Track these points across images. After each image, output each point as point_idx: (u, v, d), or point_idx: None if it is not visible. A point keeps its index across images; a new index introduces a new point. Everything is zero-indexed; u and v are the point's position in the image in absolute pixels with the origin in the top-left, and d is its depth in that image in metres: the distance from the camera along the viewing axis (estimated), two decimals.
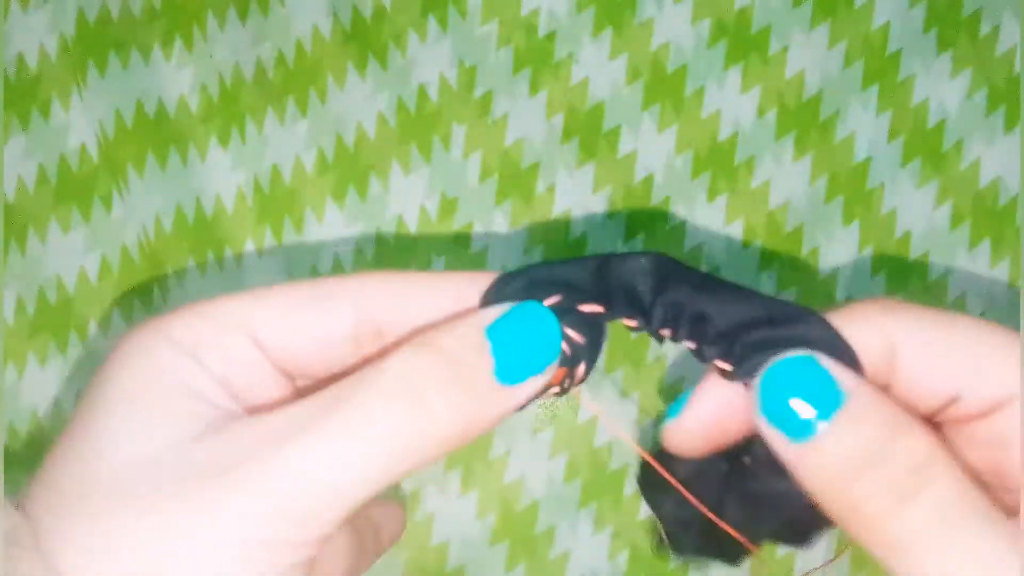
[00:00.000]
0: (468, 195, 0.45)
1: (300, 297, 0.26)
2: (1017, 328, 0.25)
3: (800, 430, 0.24)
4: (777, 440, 0.24)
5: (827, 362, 0.24)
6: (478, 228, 0.45)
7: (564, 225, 0.45)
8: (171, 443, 0.24)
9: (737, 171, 0.45)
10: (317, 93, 0.45)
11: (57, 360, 0.43)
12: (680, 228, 0.45)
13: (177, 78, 0.44)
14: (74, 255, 0.43)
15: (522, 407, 0.26)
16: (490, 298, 0.26)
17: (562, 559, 0.43)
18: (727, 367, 0.25)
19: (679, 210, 0.45)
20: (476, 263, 0.44)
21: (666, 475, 0.27)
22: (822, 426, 0.24)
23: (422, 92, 0.45)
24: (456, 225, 0.45)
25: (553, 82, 0.45)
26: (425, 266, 0.44)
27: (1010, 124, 0.45)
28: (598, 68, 0.45)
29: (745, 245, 0.45)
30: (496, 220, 0.45)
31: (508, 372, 0.25)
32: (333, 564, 0.27)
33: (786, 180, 0.45)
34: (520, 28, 0.45)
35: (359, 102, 0.45)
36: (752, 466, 0.27)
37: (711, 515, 0.27)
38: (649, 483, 0.28)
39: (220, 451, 0.24)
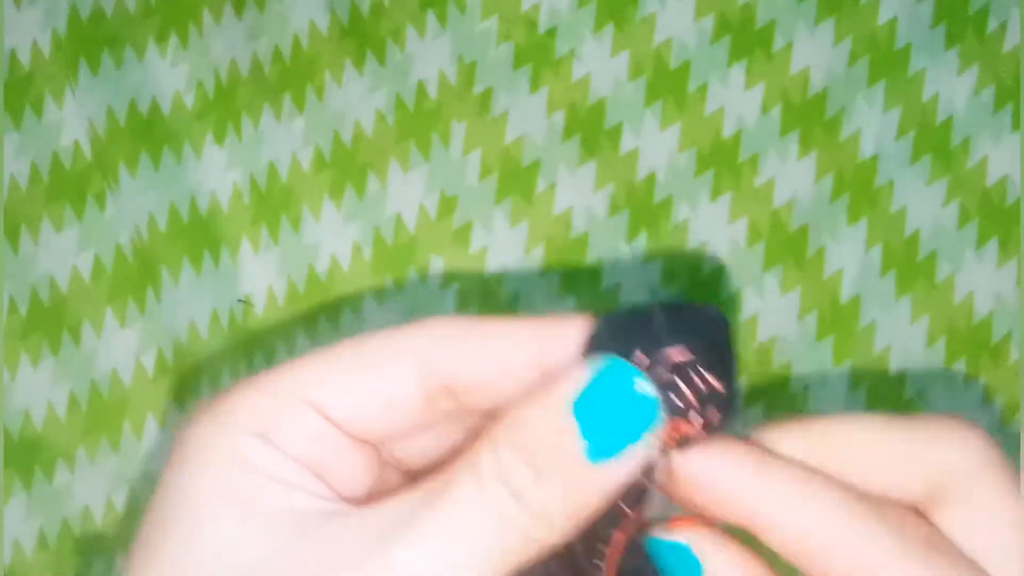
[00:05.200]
0: (467, 193, 0.44)
1: (360, 361, 0.25)
2: None
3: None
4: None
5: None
6: (478, 227, 0.44)
7: (565, 224, 0.44)
8: (276, 547, 0.23)
9: (741, 169, 0.44)
10: (314, 90, 0.44)
11: (50, 361, 0.43)
12: (683, 227, 0.44)
13: (172, 75, 0.44)
14: (67, 254, 0.43)
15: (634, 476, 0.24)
16: (592, 351, 0.24)
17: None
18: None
19: (682, 208, 0.44)
20: (475, 262, 0.44)
21: None
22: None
23: (421, 89, 0.44)
24: (455, 224, 0.44)
25: (554, 79, 0.45)
26: (424, 266, 0.44)
27: (1017, 122, 0.45)
28: (600, 65, 0.45)
29: (749, 244, 0.44)
30: (496, 219, 0.44)
31: (600, 449, 0.23)
32: None
33: (791, 178, 0.44)
34: (520, 24, 0.45)
35: (357, 99, 0.44)
36: None
37: None
38: None
39: (327, 554, 0.23)
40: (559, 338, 0.25)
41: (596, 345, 0.24)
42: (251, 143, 0.44)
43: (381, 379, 0.25)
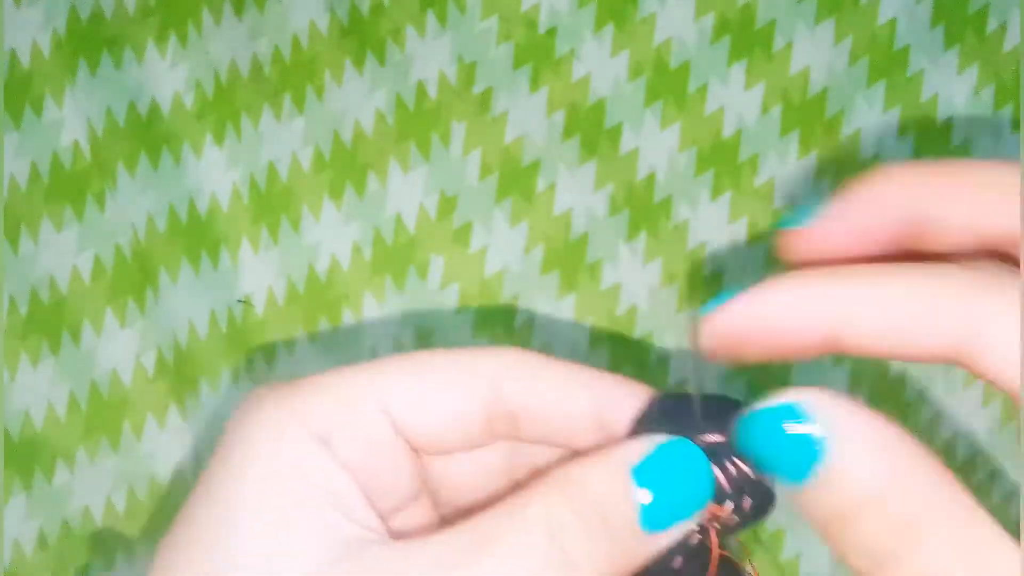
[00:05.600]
0: (467, 193, 0.44)
1: (437, 373, 0.25)
2: None
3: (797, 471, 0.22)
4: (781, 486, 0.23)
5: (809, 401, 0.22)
6: (477, 227, 0.44)
7: (565, 224, 0.44)
8: (312, 567, 0.23)
9: (741, 169, 0.44)
10: (314, 90, 0.44)
11: (50, 361, 0.42)
12: (683, 227, 0.44)
13: (172, 75, 0.44)
14: (67, 254, 0.43)
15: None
16: (642, 426, 0.25)
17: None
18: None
19: (682, 209, 0.44)
20: (475, 262, 0.44)
21: None
22: (820, 466, 0.22)
23: (421, 89, 0.44)
24: (455, 224, 0.44)
25: (554, 79, 0.45)
26: (424, 265, 0.44)
27: (1017, 122, 0.45)
28: (599, 64, 0.45)
29: (749, 244, 0.44)
30: (496, 219, 0.44)
31: (654, 519, 0.23)
32: None
33: (791, 178, 0.44)
34: (520, 24, 0.45)
35: (357, 99, 0.44)
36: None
37: None
38: None
39: None
40: (619, 397, 0.25)
41: (646, 418, 0.25)
42: (251, 143, 0.44)
43: (452, 394, 0.25)
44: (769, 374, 0.44)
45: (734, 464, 0.24)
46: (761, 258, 0.44)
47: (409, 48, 0.45)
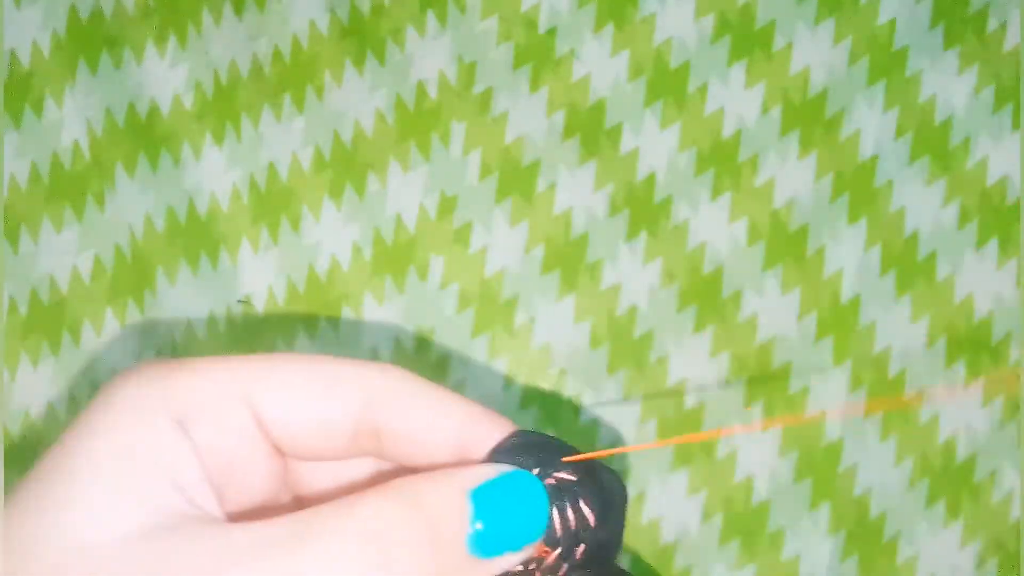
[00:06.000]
0: (467, 193, 0.44)
1: (310, 376, 0.25)
2: None
3: None
4: None
5: None
6: (478, 227, 0.44)
7: (565, 224, 0.44)
8: (122, 536, 0.22)
9: (741, 169, 0.44)
10: (314, 90, 0.44)
11: (50, 361, 0.42)
12: (683, 227, 0.44)
13: (171, 75, 0.44)
14: (67, 254, 0.43)
15: None
16: (497, 457, 0.24)
17: None
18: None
19: (682, 208, 0.44)
20: (475, 262, 0.44)
21: None
22: None
23: (421, 89, 0.44)
24: (455, 224, 0.44)
25: (554, 79, 0.44)
26: (424, 266, 0.44)
27: (1017, 122, 0.45)
28: (599, 64, 0.45)
29: (749, 244, 0.44)
30: (496, 219, 0.44)
31: (483, 544, 0.23)
32: None
33: (791, 178, 0.44)
34: (520, 24, 0.45)
35: (357, 99, 0.44)
36: None
37: None
38: None
39: (163, 558, 0.22)
40: (482, 429, 0.25)
41: (501, 449, 0.25)
42: (251, 143, 0.44)
43: (323, 401, 0.25)
44: (769, 374, 0.44)
45: (577, 510, 0.24)
46: (760, 258, 0.44)
47: (409, 48, 0.45)
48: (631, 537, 0.44)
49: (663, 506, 0.43)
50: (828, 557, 0.43)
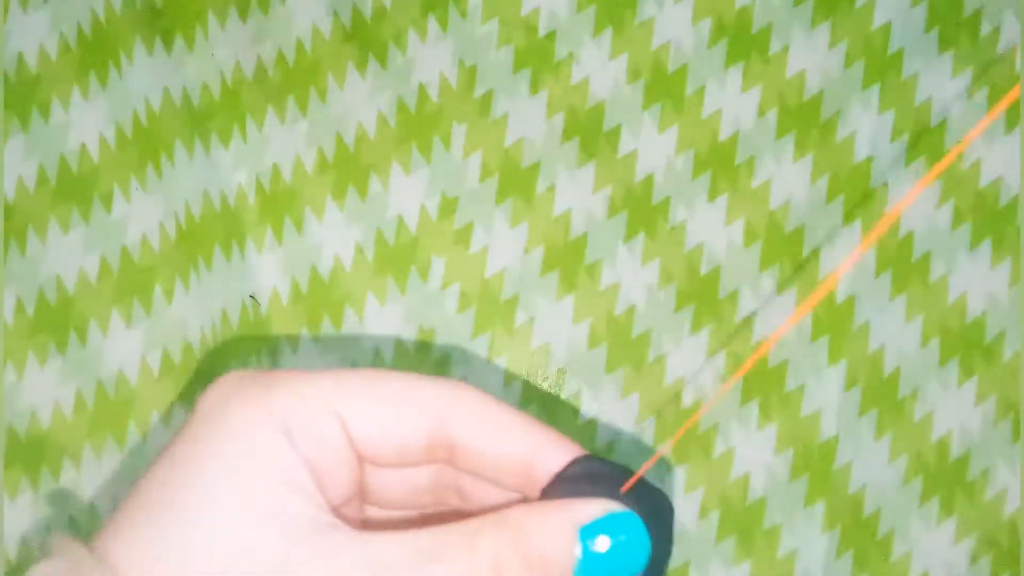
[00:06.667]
0: (468, 195, 0.45)
1: (390, 391, 0.27)
2: None
3: None
4: None
5: None
6: (478, 228, 0.44)
7: (564, 225, 0.45)
8: (270, 541, 0.24)
9: (738, 171, 0.45)
10: (317, 92, 0.45)
11: (57, 361, 0.43)
12: (680, 228, 0.45)
13: (177, 77, 0.44)
14: (74, 255, 0.43)
15: None
16: (563, 480, 0.26)
17: None
18: None
19: (679, 210, 0.45)
20: (476, 263, 0.44)
21: None
22: None
23: (422, 92, 0.45)
24: (456, 225, 0.44)
25: (553, 82, 0.45)
26: (425, 266, 0.44)
27: (1011, 124, 0.45)
28: (598, 68, 0.45)
29: (746, 245, 0.45)
30: (496, 220, 0.44)
31: None
32: None
33: (787, 180, 0.45)
34: (520, 28, 0.45)
35: (359, 101, 0.45)
36: None
37: None
38: None
39: (311, 563, 0.24)
40: (551, 451, 0.27)
41: (567, 477, 0.26)
42: (255, 145, 0.44)
43: (403, 415, 0.27)
44: (768, 374, 0.44)
45: None
46: (756, 260, 0.45)
47: (411, 51, 0.45)
48: None
49: None
50: (823, 554, 0.44)
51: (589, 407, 0.44)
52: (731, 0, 0.45)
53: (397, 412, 0.27)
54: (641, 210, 0.45)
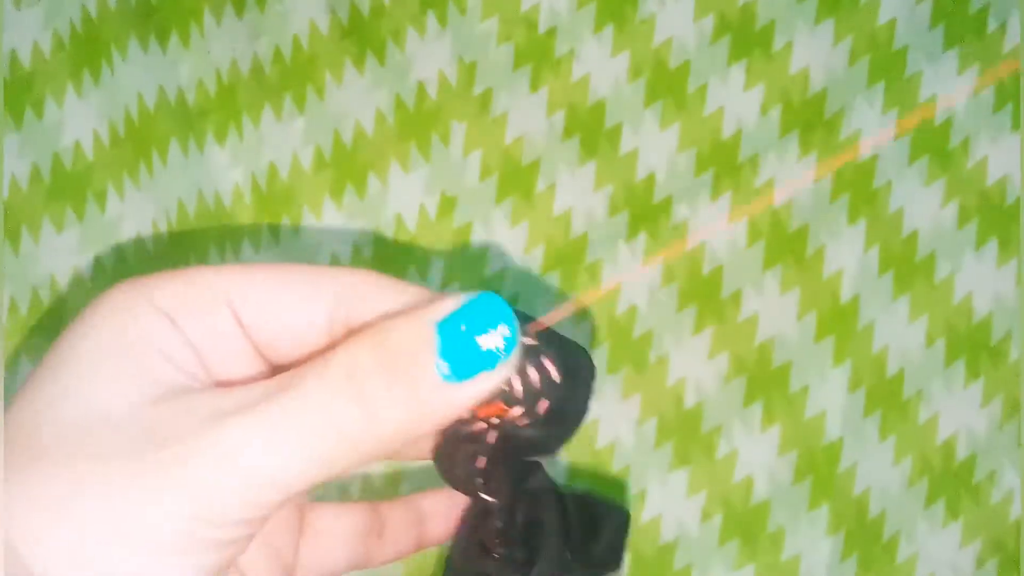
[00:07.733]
0: (468, 193, 0.44)
1: (284, 278, 0.26)
2: None
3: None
4: None
5: None
6: (478, 227, 0.44)
7: (565, 224, 0.44)
8: (130, 403, 0.24)
9: (740, 169, 0.44)
10: (315, 90, 0.44)
11: None
12: (682, 227, 0.44)
13: (173, 74, 0.44)
14: (68, 254, 0.43)
15: (472, 407, 0.25)
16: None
17: None
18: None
19: (681, 209, 0.44)
20: (476, 262, 0.44)
21: None
22: None
23: (421, 89, 0.44)
24: (456, 224, 0.44)
25: (554, 79, 0.45)
26: (424, 266, 0.44)
27: (1016, 122, 0.45)
28: (599, 65, 0.45)
29: (749, 244, 0.44)
30: (496, 219, 0.44)
31: (456, 368, 0.24)
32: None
33: (790, 178, 0.44)
34: (520, 24, 0.45)
35: (357, 99, 0.44)
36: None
37: None
38: None
39: (167, 421, 0.24)
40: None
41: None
42: (252, 143, 0.44)
43: (300, 304, 0.26)
44: (768, 374, 0.44)
45: (539, 366, 0.25)
46: (760, 258, 0.44)
47: (409, 48, 0.45)
48: (631, 537, 0.44)
49: (663, 506, 0.43)
50: (828, 557, 0.43)
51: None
52: None
53: (292, 297, 0.26)
54: (642, 209, 0.44)
